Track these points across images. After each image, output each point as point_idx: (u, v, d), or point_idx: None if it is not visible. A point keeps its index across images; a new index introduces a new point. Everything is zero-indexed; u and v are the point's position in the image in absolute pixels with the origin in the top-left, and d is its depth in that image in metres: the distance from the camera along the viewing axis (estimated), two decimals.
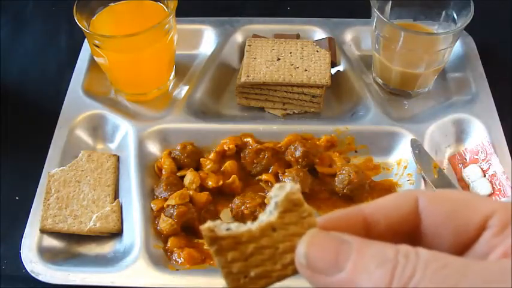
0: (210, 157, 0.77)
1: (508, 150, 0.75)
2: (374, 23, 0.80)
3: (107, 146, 0.81)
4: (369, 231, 0.31)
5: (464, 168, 0.76)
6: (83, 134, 0.81)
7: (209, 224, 0.30)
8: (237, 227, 0.30)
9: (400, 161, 0.77)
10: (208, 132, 0.79)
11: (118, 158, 0.78)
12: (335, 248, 0.28)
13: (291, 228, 0.30)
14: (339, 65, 0.88)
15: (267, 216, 0.31)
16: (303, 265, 0.29)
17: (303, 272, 0.29)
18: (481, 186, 0.73)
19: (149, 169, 0.77)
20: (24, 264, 0.66)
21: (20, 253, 0.67)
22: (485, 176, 0.74)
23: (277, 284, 0.31)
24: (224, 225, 0.30)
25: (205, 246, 0.70)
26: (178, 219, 0.68)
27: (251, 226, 0.30)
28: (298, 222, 0.31)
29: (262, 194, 0.74)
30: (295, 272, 0.30)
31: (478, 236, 0.30)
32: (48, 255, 0.68)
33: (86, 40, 0.90)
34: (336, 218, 0.32)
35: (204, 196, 0.72)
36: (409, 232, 0.32)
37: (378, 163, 0.78)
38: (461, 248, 0.30)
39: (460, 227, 0.30)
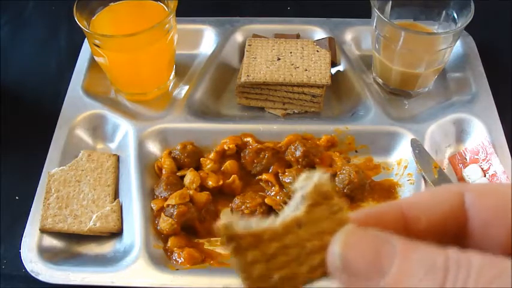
0: (210, 157, 0.77)
1: (508, 150, 0.75)
2: (374, 22, 0.80)
3: (106, 146, 0.81)
4: (408, 230, 0.28)
5: (464, 168, 0.75)
6: (83, 134, 0.81)
7: (225, 220, 0.26)
8: (257, 224, 0.26)
9: (400, 161, 0.77)
10: (208, 132, 0.79)
11: (118, 158, 0.78)
12: (376, 248, 0.25)
13: (320, 225, 0.27)
14: (339, 64, 0.88)
15: (292, 210, 0.27)
16: (338, 268, 0.25)
17: (338, 277, 0.26)
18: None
19: (149, 169, 0.77)
20: (24, 264, 0.66)
21: (20, 253, 0.67)
22: (485, 175, 0.74)
23: None
24: (243, 221, 0.27)
25: (206, 246, 0.70)
26: (178, 219, 0.68)
27: (273, 222, 0.27)
28: (328, 218, 0.27)
29: (262, 193, 0.74)
30: (325, 276, 0.27)
31: None
32: (48, 255, 0.68)
33: (86, 40, 0.90)
34: (371, 214, 0.28)
35: (204, 196, 0.72)
36: (453, 231, 0.28)
37: (378, 163, 0.78)
38: None
39: None
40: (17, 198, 0.76)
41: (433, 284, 0.23)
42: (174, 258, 0.67)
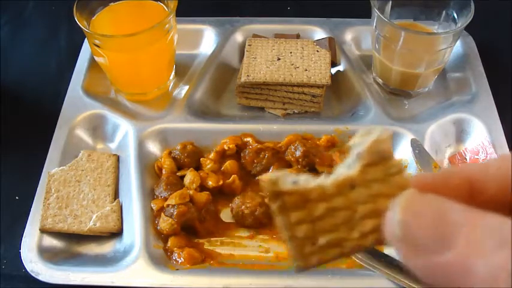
0: (210, 157, 0.77)
1: (508, 150, 0.75)
2: (374, 22, 0.80)
3: (106, 146, 0.81)
4: (473, 198, 0.25)
5: None
6: (83, 134, 0.81)
7: (272, 175, 0.24)
8: (306, 181, 0.24)
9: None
10: (208, 132, 0.79)
11: (118, 158, 0.78)
12: (442, 216, 0.22)
13: (375, 187, 0.24)
14: (339, 64, 0.88)
15: (346, 169, 0.24)
16: (397, 237, 0.23)
17: (396, 246, 0.23)
18: None
19: (149, 169, 0.77)
20: (24, 264, 0.66)
21: (20, 253, 0.67)
22: None
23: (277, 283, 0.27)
24: (291, 177, 0.24)
25: (206, 246, 0.70)
26: (178, 219, 0.68)
27: (324, 181, 0.24)
28: (384, 180, 0.24)
29: (262, 193, 0.73)
30: (377, 243, 0.24)
31: None
32: (48, 255, 0.68)
33: (86, 40, 0.90)
34: (434, 179, 0.25)
35: (204, 196, 0.72)
36: None
37: None
38: None
39: None
40: (17, 198, 0.76)
41: (506, 258, 0.20)
42: (174, 258, 0.67)
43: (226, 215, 0.73)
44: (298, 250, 0.24)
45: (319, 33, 0.92)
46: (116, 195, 0.74)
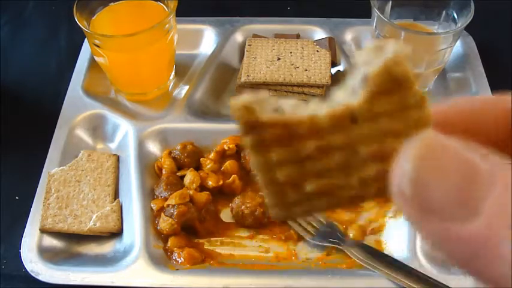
0: (210, 157, 0.77)
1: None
2: (374, 22, 0.80)
3: (106, 146, 0.81)
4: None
5: None
6: (83, 134, 0.81)
7: (247, 97, 0.18)
8: (293, 108, 0.18)
9: None
10: (208, 132, 0.79)
11: (118, 158, 0.78)
12: (469, 171, 0.16)
13: (385, 123, 0.18)
14: (339, 64, 0.88)
15: (347, 95, 0.18)
16: (406, 197, 0.17)
17: (405, 208, 0.18)
18: None
19: (149, 169, 0.77)
20: (24, 264, 0.66)
21: (20, 253, 0.67)
22: None
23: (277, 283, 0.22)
24: (272, 101, 0.18)
25: (206, 246, 0.70)
26: (178, 219, 0.68)
27: (317, 109, 0.18)
28: (397, 115, 0.18)
29: (262, 193, 0.73)
30: (380, 196, 0.19)
31: None
32: (48, 255, 0.68)
33: (86, 40, 0.90)
34: (464, 112, 0.20)
35: (204, 196, 0.72)
36: None
37: None
38: None
39: None
40: (17, 198, 0.76)
41: None
42: (174, 258, 0.67)
43: (226, 215, 0.73)
44: (278, 198, 0.19)
45: (319, 33, 0.92)
46: (116, 195, 0.74)
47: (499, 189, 0.16)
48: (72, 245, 0.70)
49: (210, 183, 0.73)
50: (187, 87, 0.86)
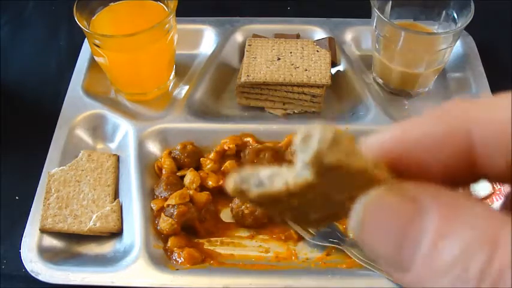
0: (210, 157, 0.77)
1: None
2: (374, 22, 0.80)
3: (106, 146, 0.81)
4: (473, 166, 0.20)
5: None
6: (83, 134, 0.81)
7: (233, 181, 0.21)
8: (270, 181, 0.21)
9: None
10: (208, 132, 0.79)
11: (118, 158, 0.78)
12: (401, 228, 0.18)
13: (344, 182, 0.20)
14: (339, 64, 0.88)
15: (301, 169, 0.20)
16: (357, 238, 0.20)
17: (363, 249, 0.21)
18: (481, 186, 0.73)
19: (149, 169, 0.77)
20: (24, 264, 0.66)
21: (20, 253, 0.67)
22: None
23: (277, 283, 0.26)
24: (253, 179, 0.21)
25: (206, 246, 0.70)
26: (178, 219, 0.68)
27: (288, 179, 0.20)
28: (349, 179, 0.20)
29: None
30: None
31: None
32: (48, 255, 0.68)
33: (86, 40, 0.90)
34: (417, 139, 0.20)
35: (204, 196, 0.72)
36: None
37: None
38: None
39: None
40: (17, 198, 0.76)
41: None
42: (174, 258, 0.67)
43: (226, 215, 0.73)
44: (299, 224, 0.24)
45: (319, 33, 0.92)
46: (116, 195, 0.74)
47: (427, 245, 0.18)
48: (72, 245, 0.70)
49: (210, 183, 0.73)
50: (187, 87, 0.86)
